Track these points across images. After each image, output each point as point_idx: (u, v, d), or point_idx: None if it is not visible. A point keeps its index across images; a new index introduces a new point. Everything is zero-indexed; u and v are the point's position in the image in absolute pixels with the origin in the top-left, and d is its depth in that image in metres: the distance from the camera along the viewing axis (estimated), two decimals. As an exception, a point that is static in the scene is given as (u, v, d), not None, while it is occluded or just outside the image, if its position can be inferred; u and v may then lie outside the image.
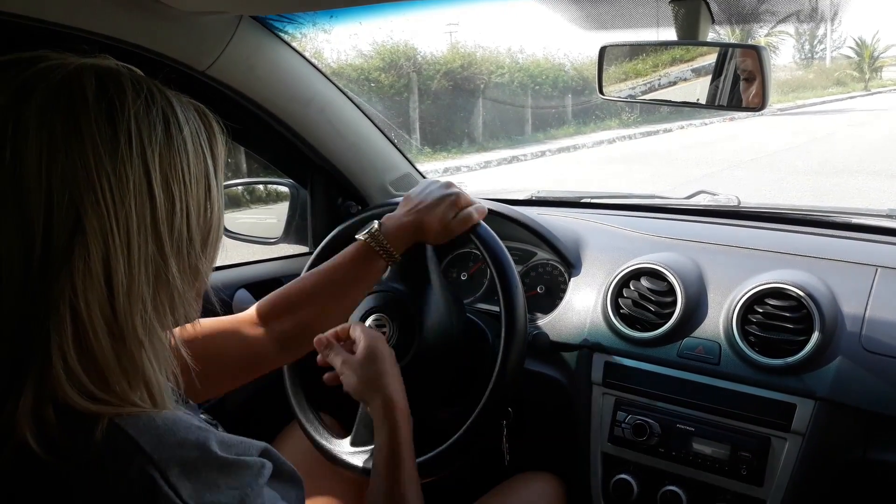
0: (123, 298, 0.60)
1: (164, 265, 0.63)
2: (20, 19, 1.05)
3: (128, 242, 0.60)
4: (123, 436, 0.58)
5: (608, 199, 1.83)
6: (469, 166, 11.62)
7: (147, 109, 0.63)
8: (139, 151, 0.61)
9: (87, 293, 0.58)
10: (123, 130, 0.61)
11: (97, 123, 0.60)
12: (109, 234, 0.59)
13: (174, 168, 0.64)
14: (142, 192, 0.61)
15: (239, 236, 1.84)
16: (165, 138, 0.64)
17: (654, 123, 16.53)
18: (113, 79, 0.63)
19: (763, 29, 22.16)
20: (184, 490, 0.58)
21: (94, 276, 0.58)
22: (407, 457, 1.00)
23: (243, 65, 1.39)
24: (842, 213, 1.54)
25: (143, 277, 0.61)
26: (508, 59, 15.40)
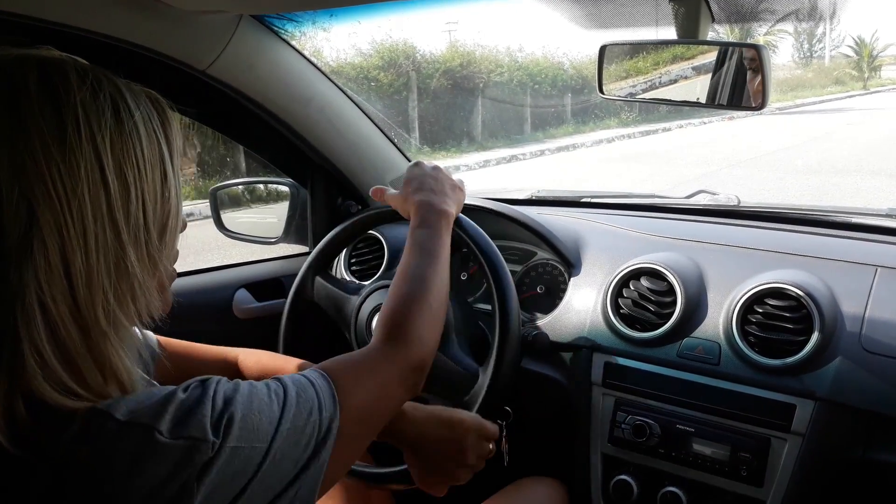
0: (84, 290, 0.59)
1: (122, 253, 0.62)
2: (20, 19, 1.05)
3: (83, 232, 0.59)
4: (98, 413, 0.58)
5: (608, 198, 1.83)
6: (468, 165, 11.62)
7: (94, 96, 0.62)
8: (89, 138, 0.60)
9: (52, 287, 0.57)
10: (70, 118, 0.59)
11: (42, 113, 0.58)
12: (64, 226, 0.58)
13: (127, 153, 0.63)
14: (95, 179, 0.60)
15: (239, 236, 1.84)
16: (116, 123, 0.62)
17: (653, 123, 16.52)
18: (56, 68, 0.62)
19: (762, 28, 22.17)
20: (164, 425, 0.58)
21: (54, 268, 0.58)
22: (443, 265, 0.99)
23: (243, 64, 1.39)
24: (842, 212, 1.54)
25: (102, 267, 0.60)
26: (507, 57, 15.40)
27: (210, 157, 9.75)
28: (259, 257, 1.82)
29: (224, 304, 1.65)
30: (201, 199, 7.74)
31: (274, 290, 1.73)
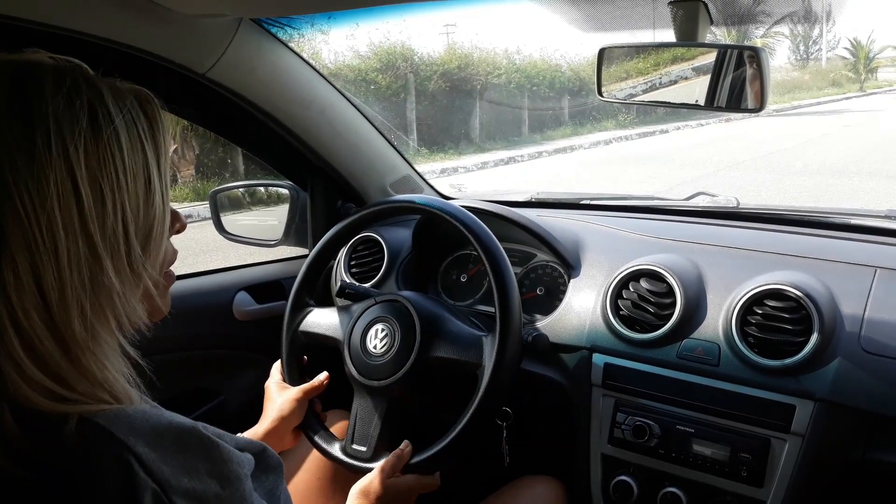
0: (58, 305, 0.58)
1: (98, 266, 0.60)
2: (21, 22, 1.05)
3: (55, 247, 0.57)
4: (94, 426, 0.58)
5: (607, 200, 1.84)
6: (466, 167, 11.62)
7: (69, 103, 0.60)
8: (60, 150, 0.58)
9: (24, 303, 0.56)
10: (41, 130, 0.58)
11: (10, 127, 0.57)
12: (33, 241, 0.56)
13: (104, 163, 0.60)
14: (66, 192, 0.58)
15: (239, 238, 1.84)
16: (92, 133, 0.60)
17: (650, 125, 16.53)
18: (31, 75, 0.60)
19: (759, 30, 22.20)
20: (161, 472, 0.57)
21: (26, 284, 0.56)
22: None
23: (243, 67, 1.40)
24: (840, 213, 1.55)
25: (76, 281, 0.59)
26: (505, 60, 15.40)
27: (209, 160, 9.75)
28: (259, 260, 1.83)
29: (224, 307, 1.65)
30: (200, 202, 7.75)
31: (274, 293, 1.73)
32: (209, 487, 0.60)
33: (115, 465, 0.57)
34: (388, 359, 1.20)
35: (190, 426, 0.61)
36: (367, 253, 1.65)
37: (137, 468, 0.57)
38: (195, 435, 0.61)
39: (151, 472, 0.57)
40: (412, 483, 1.10)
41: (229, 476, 0.62)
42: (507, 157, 12.60)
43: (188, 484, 0.59)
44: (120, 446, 0.57)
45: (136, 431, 0.58)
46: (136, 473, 0.56)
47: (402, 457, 1.11)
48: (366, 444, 1.19)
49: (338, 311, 1.32)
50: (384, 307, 1.26)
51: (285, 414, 1.20)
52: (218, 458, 0.61)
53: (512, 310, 1.14)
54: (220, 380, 1.68)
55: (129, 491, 0.56)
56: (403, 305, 1.23)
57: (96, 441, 0.57)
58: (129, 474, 0.56)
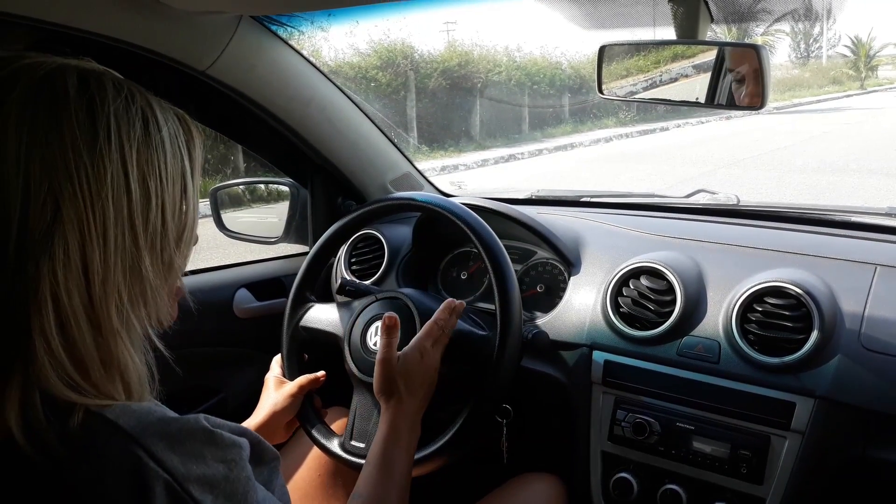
0: (99, 288, 0.61)
1: (138, 257, 0.64)
2: (21, 20, 1.05)
3: (104, 233, 0.61)
4: (101, 420, 0.59)
5: (608, 198, 1.84)
6: (466, 164, 11.63)
7: (127, 107, 0.65)
8: (118, 146, 0.63)
9: (68, 281, 0.59)
10: (103, 125, 0.62)
11: (77, 117, 0.61)
12: (86, 224, 0.60)
13: (151, 165, 0.66)
14: (119, 185, 0.62)
15: (239, 236, 1.84)
16: (144, 136, 0.65)
17: (650, 122, 16.53)
18: (94, 77, 0.64)
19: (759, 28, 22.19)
20: (170, 461, 0.59)
21: (73, 264, 0.60)
22: (399, 461, 1.01)
23: (243, 64, 1.39)
24: (841, 211, 1.54)
25: (118, 268, 0.63)
26: (506, 57, 15.39)
27: (211, 155, 9.74)
28: (259, 257, 1.83)
29: (224, 304, 1.65)
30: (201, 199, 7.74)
31: (274, 290, 1.73)
32: (217, 471, 0.62)
33: (123, 457, 0.58)
34: None
35: (193, 417, 0.64)
36: (368, 250, 1.65)
37: (147, 459, 0.58)
38: (198, 424, 0.63)
39: (161, 462, 0.59)
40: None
41: (234, 459, 0.65)
42: (508, 155, 12.60)
43: (197, 470, 0.61)
44: (128, 439, 0.59)
45: (142, 424, 0.60)
46: (146, 464, 0.58)
47: (438, 321, 1.11)
48: (365, 441, 1.19)
49: (338, 308, 1.32)
50: (385, 304, 1.26)
51: (279, 408, 1.22)
52: (221, 443, 0.64)
53: (512, 307, 1.14)
54: (220, 377, 1.68)
55: (139, 482, 0.58)
56: (404, 303, 1.23)
57: (103, 434, 0.59)
58: (139, 466, 0.58)
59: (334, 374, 1.28)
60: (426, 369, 1.08)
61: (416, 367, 1.07)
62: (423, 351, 1.08)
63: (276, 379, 1.28)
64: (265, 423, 1.20)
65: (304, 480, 1.32)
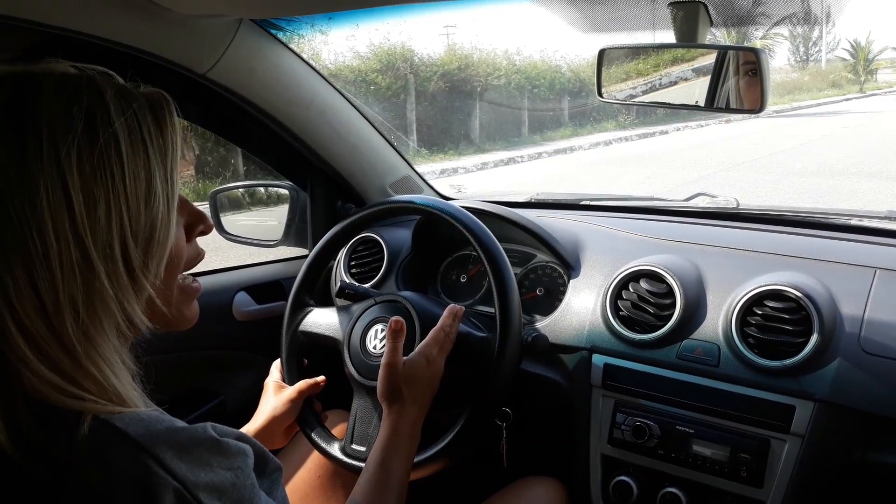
0: (52, 308, 0.58)
1: (91, 272, 0.60)
2: (21, 23, 1.05)
3: (46, 253, 0.58)
4: (110, 428, 0.59)
5: (607, 201, 1.84)
6: (466, 168, 11.63)
7: (66, 109, 0.60)
8: (51, 156, 0.58)
9: (24, 305, 0.57)
10: (32, 137, 0.58)
11: (4, 136, 0.58)
12: (26, 247, 0.57)
13: (99, 168, 0.60)
14: (56, 198, 0.58)
15: (239, 239, 1.84)
16: (87, 137, 0.60)
17: (650, 125, 16.54)
18: (30, 85, 0.61)
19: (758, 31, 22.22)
20: (178, 470, 0.59)
21: (23, 288, 0.57)
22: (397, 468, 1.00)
23: (243, 68, 1.40)
24: (840, 214, 1.55)
25: (69, 286, 0.59)
26: (505, 61, 15.40)
27: (211, 157, 9.75)
28: (259, 260, 1.83)
29: (224, 307, 1.65)
30: (200, 202, 7.75)
31: (274, 293, 1.73)
32: (225, 478, 0.62)
33: (132, 466, 0.58)
34: None
35: (200, 426, 0.63)
36: (367, 253, 1.65)
37: (156, 468, 0.58)
38: (206, 433, 0.63)
39: (170, 470, 0.58)
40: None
41: (240, 466, 0.64)
42: (507, 158, 12.60)
43: (206, 478, 0.60)
44: (136, 448, 0.58)
45: (151, 433, 0.59)
46: (156, 473, 0.58)
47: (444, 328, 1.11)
48: (365, 444, 1.19)
49: (337, 312, 1.32)
50: (384, 307, 1.26)
51: (278, 413, 1.21)
52: (227, 452, 0.63)
53: (512, 310, 1.14)
54: (219, 380, 1.68)
55: (148, 491, 0.57)
56: (403, 306, 1.23)
57: (113, 443, 0.58)
58: (148, 474, 0.58)
59: (334, 378, 1.28)
60: (431, 376, 1.07)
61: (422, 374, 1.06)
62: (429, 357, 1.08)
63: (276, 384, 1.28)
64: (264, 427, 1.20)
65: (304, 483, 1.31)
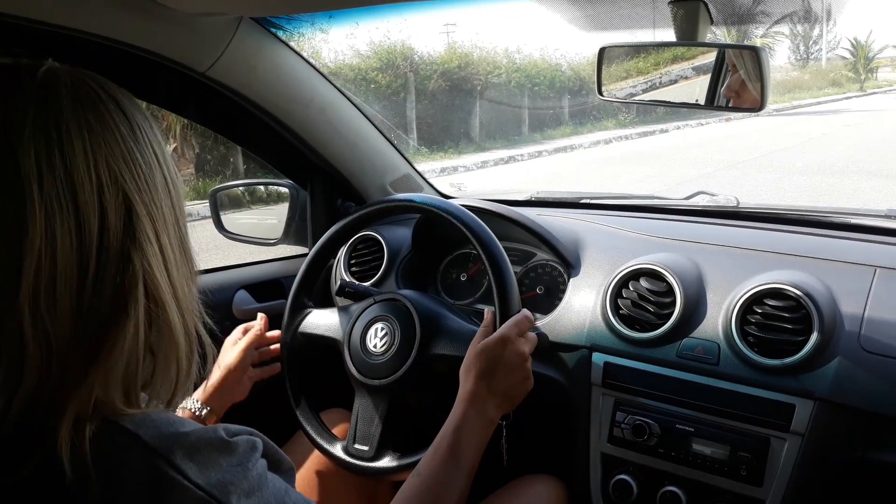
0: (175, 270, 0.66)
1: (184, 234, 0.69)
2: (21, 21, 1.05)
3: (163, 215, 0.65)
4: (120, 429, 0.59)
5: (607, 199, 1.83)
6: (466, 166, 11.63)
7: (129, 99, 0.66)
8: (145, 137, 0.65)
9: (154, 269, 0.62)
10: (133, 117, 0.64)
11: (114, 113, 0.63)
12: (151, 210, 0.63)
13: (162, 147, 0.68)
14: (156, 168, 0.65)
15: (238, 237, 1.84)
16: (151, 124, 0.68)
17: (650, 124, 16.54)
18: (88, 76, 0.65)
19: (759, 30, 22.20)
20: (190, 471, 0.59)
21: (154, 250, 0.62)
22: (465, 447, 0.99)
23: (243, 66, 1.39)
24: (840, 213, 1.55)
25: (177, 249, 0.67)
26: (505, 59, 15.40)
27: (211, 156, 9.75)
28: (259, 258, 1.83)
29: (224, 305, 1.65)
30: (200, 200, 7.74)
31: (274, 291, 1.73)
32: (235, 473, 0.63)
33: (144, 467, 0.58)
34: (388, 358, 1.20)
35: (211, 427, 0.64)
36: (367, 252, 1.65)
37: (167, 468, 0.58)
38: (216, 434, 0.63)
39: (181, 470, 0.59)
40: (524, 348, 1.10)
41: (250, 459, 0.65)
42: (507, 157, 12.61)
43: (216, 477, 0.61)
44: (147, 449, 0.59)
45: (162, 434, 0.60)
46: (166, 473, 0.58)
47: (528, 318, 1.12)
48: (368, 444, 1.19)
49: (337, 311, 1.32)
50: (384, 306, 1.26)
51: (231, 364, 1.26)
52: (236, 451, 0.64)
53: (512, 309, 1.14)
54: (219, 378, 1.68)
55: (160, 491, 0.58)
56: (403, 304, 1.23)
57: (123, 444, 0.59)
58: (159, 475, 0.58)
59: (334, 377, 1.28)
60: (509, 358, 1.06)
61: (495, 352, 1.06)
62: (505, 338, 1.07)
63: (231, 339, 1.32)
64: (218, 383, 1.24)
65: (304, 482, 1.31)
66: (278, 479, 0.68)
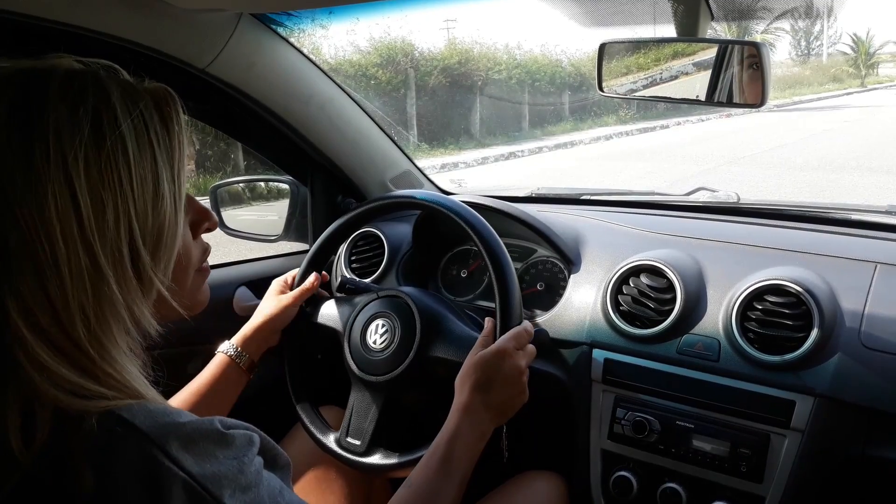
0: (64, 312, 0.58)
1: (99, 276, 0.60)
2: (19, 17, 1.05)
3: (55, 259, 0.57)
4: (117, 418, 0.58)
5: (608, 195, 1.83)
6: (466, 162, 11.63)
7: (72, 111, 0.60)
8: (58, 160, 0.58)
9: (38, 309, 0.57)
10: (39, 140, 0.58)
11: (8, 140, 0.57)
12: (35, 253, 0.57)
13: (106, 171, 0.60)
14: (64, 204, 0.58)
15: (239, 233, 1.84)
16: (94, 140, 0.60)
17: (651, 120, 16.53)
18: (38, 84, 0.60)
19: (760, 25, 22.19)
20: (185, 461, 0.59)
21: (35, 292, 0.57)
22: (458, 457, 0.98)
23: (243, 62, 1.39)
24: (841, 209, 1.54)
25: (78, 291, 0.59)
26: (506, 55, 15.39)
27: (211, 153, 9.75)
28: (259, 255, 1.83)
29: (225, 302, 1.65)
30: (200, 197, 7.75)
31: (274, 288, 1.73)
32: (231, 466, 0.62)
33: (139, 457, 0.58)
34: (387, 355, 1.20)
35: (207, 419, 0.63)
36: (368, 248, 1.65)
37: (163, 458, 0.58)
38: (212, 426, 0.62)
39: (177, 461, 0.58)
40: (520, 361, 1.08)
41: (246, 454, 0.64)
42: (508, 153, 12.60)
43: (211, 468, 0.60)
44: (143, 438, 0.58)
45: (158, 424, 0.59)
46: (162, 463, 0.58)
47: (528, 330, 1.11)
48: (360, 439, 1.19)
49: (338, 303, 1.33)
50: (385, 302, 1.26)
51: (272, 315, 1.26)
52: (232, 443, 0.63)
53: (512, 305, 1.14)
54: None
55: (155, 482, 0.57)
56: (404, 301, 1.23)
57: (120, 433, 0.58)
58: (155, 465, 0.57)
59: (330, 371, 1.28)
60: (504, 370, 1.05)
61: (492, 363, 1.04)
62: (502, 350, 1.06)
63: (278, 285, 1.33)
64: (258, 327, 1.24)
65: (299, 477, 1.32)
66: (274, 477, 0.68)
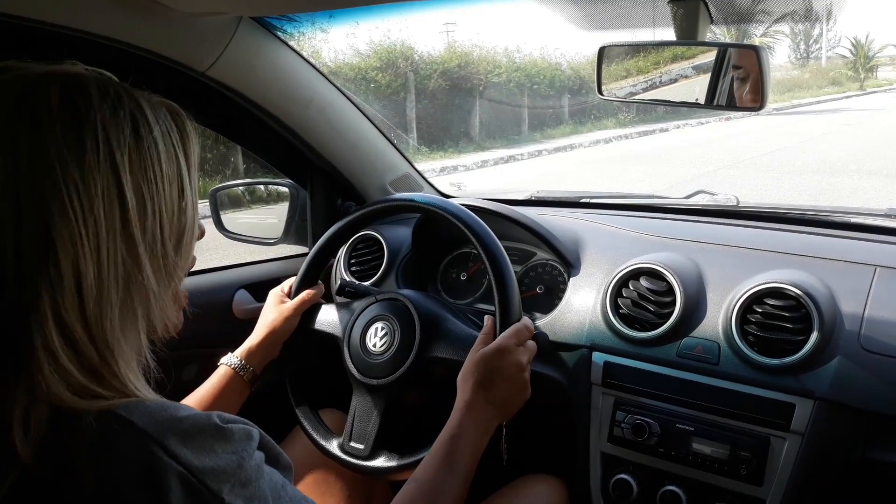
0: (94, 304, 0.61)
1: (136, 267, 0.64)
2: (20, 21, 1.05)
3: (97, 249, 0.61)
4: (114, 416, 0.59)
5: (607, 199, 1.83)
6: (466, 165, 11.63)
7: (114, 113, 0.63)
8: (107, 156, 0.62)
9: (65, 298, 0.59)
10: (90, 137, 0.61)
11: (62, 132, 0.60)
12: (79, 241, 0.59)
13: (145, 170, 0.65)
14: (111, 196, 0.62)
15: (239, 237, 1.84)
16: (134, 140, 0.64)
17: (650, 123, 16.54)
18: (78, 85, 0.63)
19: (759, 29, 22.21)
20: (184, 456, 0.59)
21: (66, 282, 0.59)
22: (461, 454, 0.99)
23: (243, 66, 1.39)
24: (841, 212, 1.54)
25: (112, 281, 0.62)
26: (505, 58, 15.41)
27: (211, 156, 9.74)
28: (259, 258, 1.83)
29: (224, 305, 1.65)
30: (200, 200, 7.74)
31: (274, 291, 1.73)
32: (230, 461, 0.62)
33: (137, 452, 0.58)
34: (387, 357, 1.20)
35: (205, 413, 0.64)
36: (367, 251, 1.65)
37: (161, 453, 0.58)
38: (210, 420, 0.63)
39: (175, 455, 0.59)
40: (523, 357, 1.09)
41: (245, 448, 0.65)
42: (507, 156, 12.61)
43: (210, 463, 0.61)
44: (141, 434, 0.59)
45: (155, 420, 0.60)
46: (160, 458, 0.58)
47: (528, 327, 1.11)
48: (363, 443, 1.19)
49: (338, 309, 1.32)
50: (384, 305, 1.26)
51: (275, 327, 1.27)
52: (231, 438, 0.64)
53: (512, 308, 1.14)
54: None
55: (154, 477, 0.58)
56: (404, 304, 1.23)
57: (116, 430, 0.59)
58: (153, 461, 0.58)
59: (331, 376, 1.28)
60: (506, 368, 1.05)
61: (493, 362, 1.05)
62: (503, 348, 1.06)
63: (276, 296, 1.33)
64: (262, 340, 1.25)
65: (300, 480, 1.31)
66: (276, 472, 0.68)
